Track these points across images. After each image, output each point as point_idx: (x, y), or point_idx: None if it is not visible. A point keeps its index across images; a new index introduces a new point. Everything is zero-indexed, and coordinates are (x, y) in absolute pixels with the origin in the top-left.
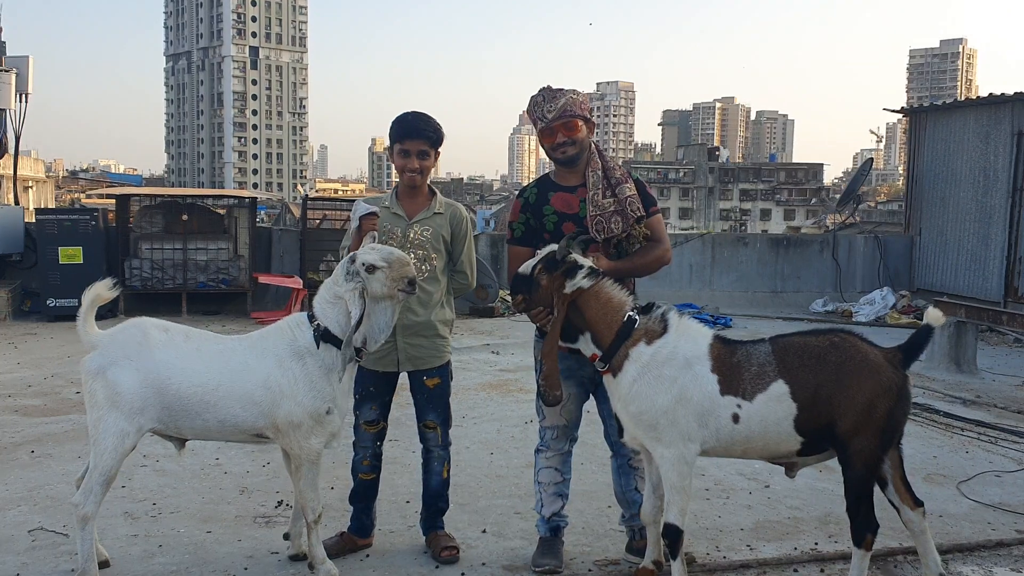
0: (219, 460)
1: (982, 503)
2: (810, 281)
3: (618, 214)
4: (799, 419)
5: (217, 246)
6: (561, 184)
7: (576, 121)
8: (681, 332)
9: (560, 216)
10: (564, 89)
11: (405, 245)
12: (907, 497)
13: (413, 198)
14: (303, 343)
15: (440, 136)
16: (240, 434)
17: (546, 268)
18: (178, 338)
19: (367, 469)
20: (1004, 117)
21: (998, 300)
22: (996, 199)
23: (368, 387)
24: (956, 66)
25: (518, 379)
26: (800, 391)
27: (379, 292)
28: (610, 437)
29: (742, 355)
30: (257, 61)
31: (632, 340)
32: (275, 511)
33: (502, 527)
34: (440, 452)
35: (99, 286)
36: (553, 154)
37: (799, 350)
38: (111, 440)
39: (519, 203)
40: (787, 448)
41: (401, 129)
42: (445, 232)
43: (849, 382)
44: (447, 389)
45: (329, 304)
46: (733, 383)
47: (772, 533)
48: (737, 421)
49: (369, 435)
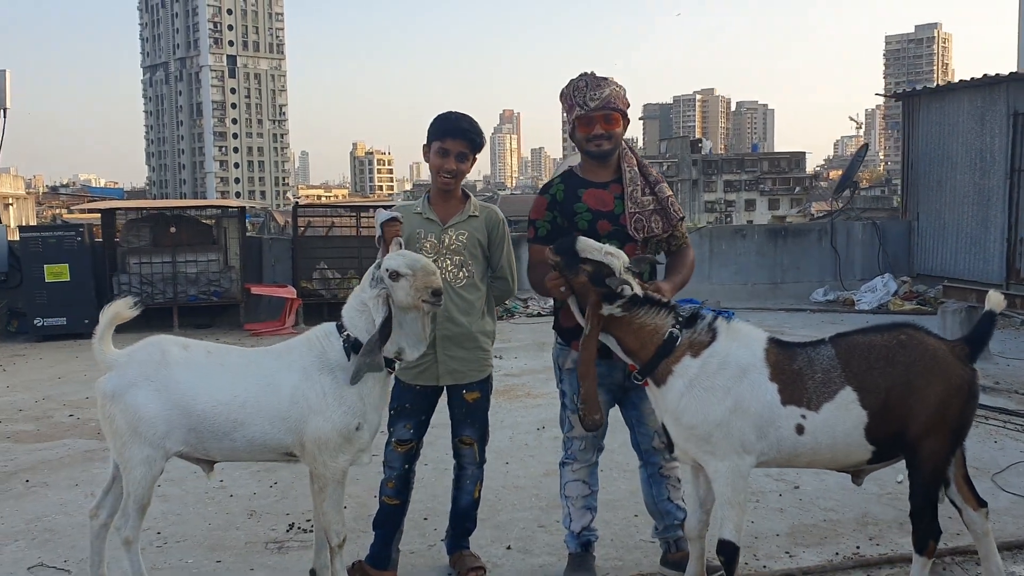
0: (224, 483)
1: (1021, 496)
2: (809, 271)
3: (658, 213)
4: (870, 427)
5: (207, 258)
6: (591, 180)
7: (616, 115)
8: (732, 338)
9: (594, 214)
10: (608, 79)
11: (440, 251)
12: (970, 497)
13: (446, 202)
14: (332, 355)
15: (482, 141)
16: (269, 453)
17: (592, 276)
18: (199, 354)
19: (391, 493)
20: (999, 98)
21: (1000, 283)
22: (994, 181)
23: (404, 403)
24: (932, 51)
25: (525, 383)
26: (870, 397)
27: (403, 301)
28: (639, 445)
29: (803, 360)
30: (235, 70)
31: (675, 356)
32: (287, 535)
33: (527, 543)
34: (474, 471)
35: (119, 304)
36: (587, 145)
37: (864, 351)
38: (139, 469)
39: (544, 200)
40: (857, 458)
41: (443, 127)
42: (482, 236)
43: (920, 383)
44: (487, 404)
45: (357, 313)
46: (795, 392)
47: (810, 538)
48: (802, 432)
49: (399, 456)
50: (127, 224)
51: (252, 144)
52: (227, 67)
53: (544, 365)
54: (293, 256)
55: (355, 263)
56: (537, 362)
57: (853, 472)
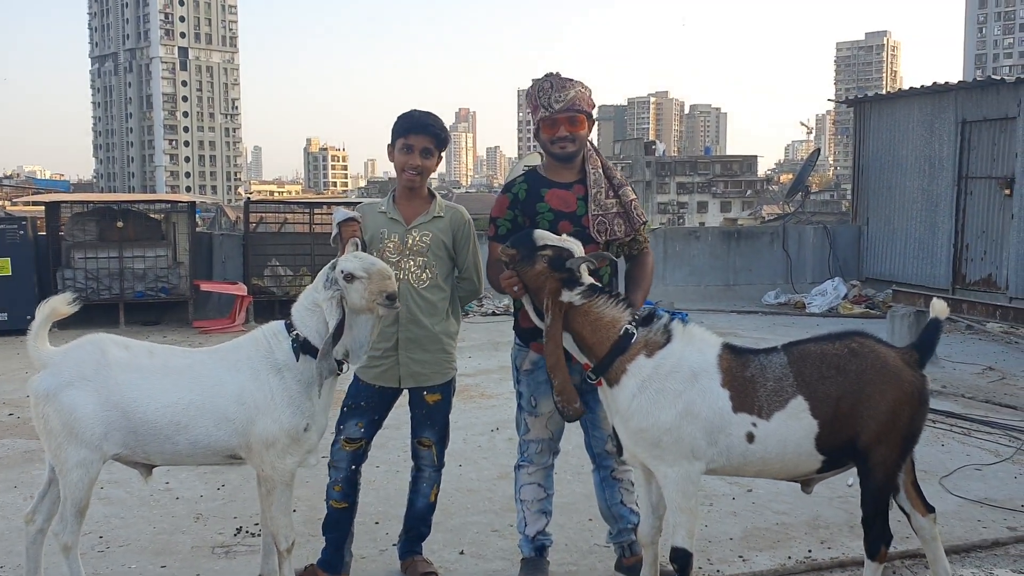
0: (169, 484)
1: (968, 499)
2: (762, 273)
3: (620, 216)
4: (820, 436)
5: (155, 253)
6: (554, 180)
7: (581, 117)
8: (686, 342)
9: (556, 214)
10: (573, 80)
11: (404, 252)
12: (919, 503)
13: (411, 201)
14: (280, 355)
15: (446, 137)
16: (213, 456)
17: (551, 262)
18: (141, 355)
19: (339, 496)
20: (948, 106)
21: (946, 287)
22: (942, 187)
23: (359, 401)
24: (881, 58)
25: (479, 384)
26: (821, 406)
27: (357, 303)
28: (593, 448)
29: (756, 368)
30: (187, 62)
31: (629, 354)
32: (234, 539)
33: (480, 547)
34: (432, 473)
35: (56, 300)
36: (551, 147)
37: (817, 360)
38: (76, 472)
39: (506, 199)
40: (807, 468)
41: (406, 123)
42: (446, 237)
43: (871, 391)
44: (448, 407)
45: (308, 312)
46: (747, 399)
47: (763, 541)
48: (752, 441)
49: (346, 454)
50: (72, 218)
51: (203, 138)
52: (178, 59)
53: (499, 365)
54: (244, 253)
55: (308, 260)
56: (492, 362)
57: (803, 481)
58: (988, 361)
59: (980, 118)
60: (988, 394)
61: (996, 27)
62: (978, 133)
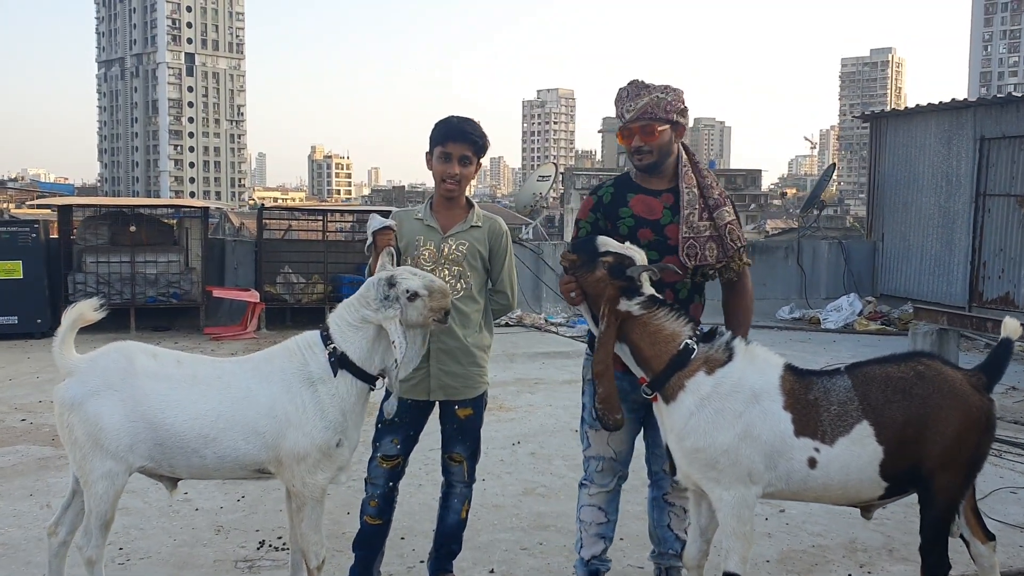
0: (188, 495)
1: (1007, 523)
2: (776, 288)
3: (714, 240)
4: (885, 463)
5: (167, 258)
6: (643, 186)
7: (654, 125)
8: (748, 361)
9: (638, 220)
10: (654, 85)
11: (439, 260)
12: (978, 530)
13: (449, 210)
14: (315, 367)
15: (486, 144)
16: (240, 470)
17: (610, 269)
18: (169, 364)
19: (374, 512)
20: (967, 122)
21: (962, 305)
22: (959, 204)
23: (393, 416)
24: (886, 74)
25: (496, 396)
26: (886, 432)
27: (414, 320)
28: (650, 464)
29: (819, 391)
30: (193, 68)
31: (689, 370)
32: (257, 553)
33: (511, 566)
34: (463, 489)
35: (83, 305)
36: (632, 158)
37: (882, 383)
38: (101, 484)
39: (591, 200)
40: (869, 495)
41: (444, 131)
42: (482, 248)
43: (938, 416)
44: (480, 421)
45: (352, 328)
46: (810, 423)
47: (800, 565)
48: (814, 466)
49: (383, 471)
50: (84, 221)
51: (208, 144)
52: (185, 65)
53: (515, 377)
54: (256, 259)
55: (320, 268)
56: (507, 374)
57: (862, 507)
58: (1011, 381)
59: (999, 135)
60: (1015, 414)
61: (1001, 45)
62: (997, 150)
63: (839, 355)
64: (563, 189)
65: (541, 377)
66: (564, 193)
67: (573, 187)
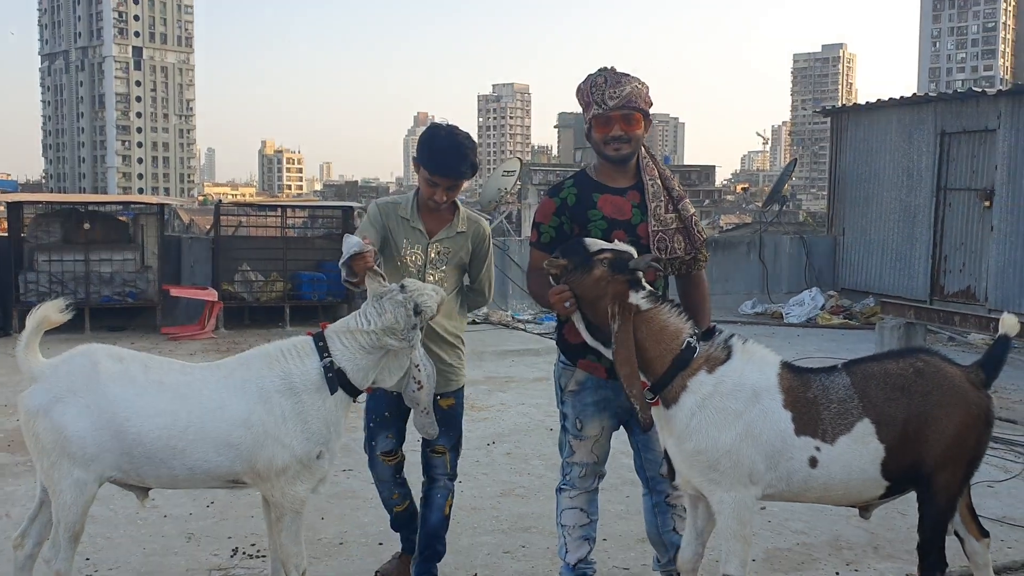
0: (156, 502)
1: (988, 518)
2: (738, 283)
3: (681, 233)
4: (887, 461)
5: (123, 257)
6: (607, 184)
7: (637, 115)
8: (747, 359)
9: (610, 222)
10: (630, 75)
11: (425, 264)
12: (973, 527)
13: (435, 212)
14: (300, 377)
15: (475, 169)
16: (213, 481)
17: (612, 264)
18: (135, 369)
19: (399, 502)
20: (927, 117)
21: (924, 299)
22: (920, 198)
23: (383, 412)
24: (838, 70)
25: (468, 396)
26: (887, 430)
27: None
28: (645, 471)
29: (818, 388)
30: (141, 62)
31: (691, 369)
32: (231, 562)
33: (494, 570)
34: (447, 482)
35: (48, 307)
36: (604, 148)
37: (881, 380)
38: (70, 494)
39: (552, 204)
40: (870, 494)
41: (433, 164)
42: (465, 254)
43: (938, 414)
44: (461, 412)
45: (363, 352)
46: (810, 422)
47: (786, 563)
48: (815, 466)
49: (389, 468)
50: (36, 219)
51: (157, 139)
52: (132, 59)
53: (485, 376)
54: (214, 257)
55: (279, 265)
56: (477, 372)
57: (861, 507)
58: None
59: (960, 130)
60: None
61: (949, 41)
62: (957, 145)
63: (804, 349)
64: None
65: (512, 375)
66: (522, 189)
67: (531, 183)
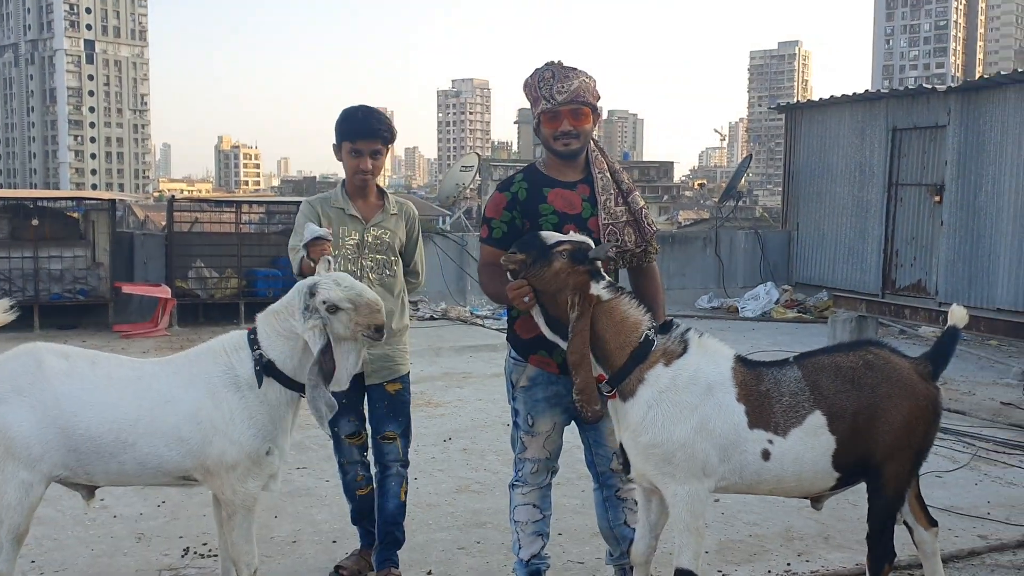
0: (105, 502)
1: (935, 507)
2: (694, 278)
3: (631, 226)
4: (837, 453)
5: (73, 253)
6: (557, 178)
7: (586, 110)
8: (702, 352)
9: (561, 216)
10: (577, 69)
11: (363, 250)
12: (922, 516)
13: (365, 199)
14: (242, 370)
15: (393, 134)
16: (163, 477)
17: (571, 255)
18: (82, 365)
19: (363, 484)
20: (879, 113)
21: (876, 292)
22: (872, 194)
23: (341, 399)
24: (793, 67)
25: (424, 391)
26: (838, 422)
27: (341, 334)
28: (596, 466)
29: (770, 382)
30: (93, 55)
31: (648, 362)
32: (183, 561)
33: (449, 566)
34: (400, 469)
35: None
36: (553, 143)
37: (832, 372)
38: (14, 495)
39: (503, 198)
40: (821, 486)
41: (352, 128)
42: (401, 234)
43: (887, 405)
44: (408, 397)
45: (279, 337)
46: (763, 415)
47: (739, 555)
48: (768, 458)
49: (355, 448)
50: None
51: (111, 134)
52: (84, 52)
53: (442, 371)
54: (167, 253)
55: (234, 261)
56: (434, 368)
57: (813, 498)
58: None
59: (910, 126)
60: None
61: (903, 39)
62: (908, 141)
63: (759, 343)
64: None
65: (469, 371)
66: (482, 184)
67: (490, 178)
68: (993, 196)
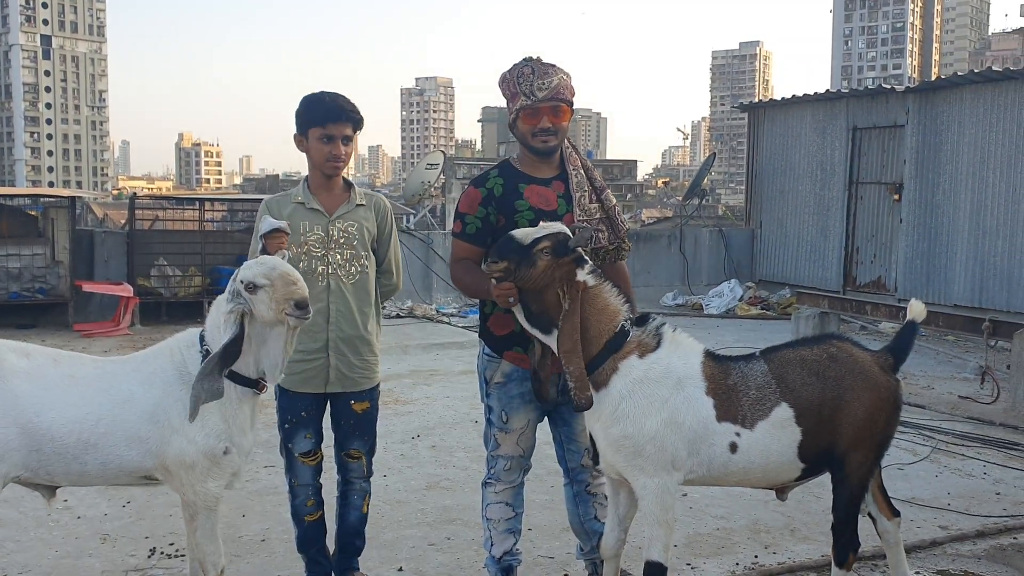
0: (68, 502)
1: (897, 499)
2: (659, 275)
3: (604, 223)
4: (803, 445)
5: (31, 251)
6: (532, 175)
7: (565, 107)
8: (674, 347)
9: (537, 213)
10: (556, 66)
11: (329, 245)
12: (885, 507)
13: (329, 191)
14: (193, 368)
15: (362, 118)
16: (125, 477)
17: (554, 250)
18: (44, 364)
19: (312, 510)
20: (840, 112)
21: (837, 289)
22: (833, 192)
23: (299, 412)
24: (755, 67)
25: (392, 389)
26: (804, 414)
27: (265, 315)
28: (567, 462)
29: (738, 376)
30: (50, 51)
31: (623, 353)
32: (149, 562)
33: (419, 563)
34: (363, 484)
35: None
36: (531, 140)
37: (797, 366)
38: None
39: (478, 194)
40: (787, 477)
41: (322, 111)
42: (371, 227)
43: (850, 397)
44: (376, 414)
45: (219, 328)
46: (731, 408)
47: (707, 548)
48: (735, 451)
49: (308, 469)
50: None
51: (68, 131)
52: (41, 47)
53: (409, 369)
54: (129, 251)
55: (198, 259)
56: (402, 366)
57: (778, 489)
58: None
59: (870, 125)
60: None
61: (861, 40)
62: (868, 140)
63: (723, 339)
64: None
65: (436, 368)
66: (446, 183)
67: (454, 177)
68: (950, 194)
